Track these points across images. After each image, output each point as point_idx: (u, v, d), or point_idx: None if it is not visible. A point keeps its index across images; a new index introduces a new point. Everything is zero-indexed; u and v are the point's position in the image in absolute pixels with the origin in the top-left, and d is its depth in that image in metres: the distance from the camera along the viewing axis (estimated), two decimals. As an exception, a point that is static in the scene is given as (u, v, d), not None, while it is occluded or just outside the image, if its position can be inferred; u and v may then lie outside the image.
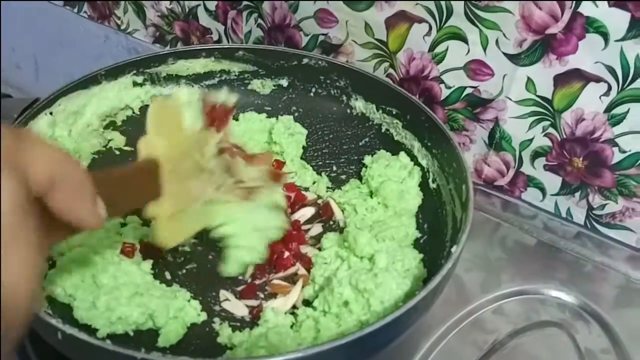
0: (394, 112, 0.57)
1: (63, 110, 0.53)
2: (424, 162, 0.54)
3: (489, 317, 0.50)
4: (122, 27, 0.81)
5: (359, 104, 0.59)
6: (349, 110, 0.60)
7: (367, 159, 0.56)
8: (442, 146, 0.51)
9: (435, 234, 0.49)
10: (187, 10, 0.73)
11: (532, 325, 0.49)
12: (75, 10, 0.84)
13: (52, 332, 0.35)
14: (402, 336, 0.39)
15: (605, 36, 0.48)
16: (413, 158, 0.55)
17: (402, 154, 0.55)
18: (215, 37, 0.73)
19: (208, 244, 0.49)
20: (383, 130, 0.58)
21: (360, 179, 0.56)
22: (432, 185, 0.53)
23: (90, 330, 0.40)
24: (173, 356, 0.34)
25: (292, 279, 0.48)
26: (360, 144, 0.59)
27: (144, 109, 0.59)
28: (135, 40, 0.81)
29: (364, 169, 0.56)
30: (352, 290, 0.42)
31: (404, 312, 0.35)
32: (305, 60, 0.59)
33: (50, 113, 0.51)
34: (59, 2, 0.85)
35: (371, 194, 0.54)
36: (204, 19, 0.72)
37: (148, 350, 0.34)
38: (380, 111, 0.58)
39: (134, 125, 0.58)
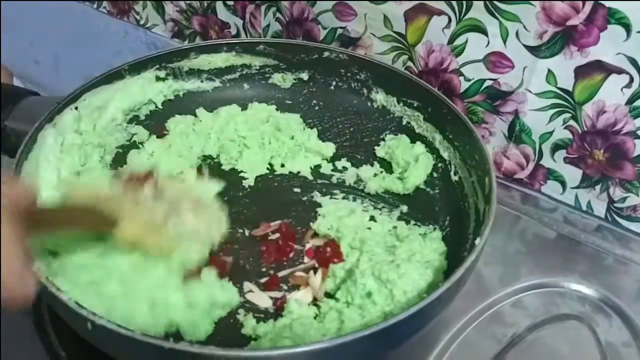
0: (415, 105, 0.57)
1: (88, 105, 0.53)
2: (445, 155, 0.54)
3: (508, 310, 0.50)
4: (142, 22, 0.82)
5: (380, 97, 0.60)
6: (369, 103, 0.60)
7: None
8: (464, 138, 0.51)
9: (458, 226, 0.49)
10: (205, 4, 0.73)
11: (552, 319, 0.49)
12: (95, 6, 0.85)
13: (82, 322, 0.36)
14: (425, 328, 0.39)
15: (627, 27, 0.48)
16: (434, 151, 0.55)
17: (419, 143, 0.56)
18: (233, 31, 0.74)
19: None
20: (404, 123, 0.58)
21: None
22: (454, 178, 0.53)
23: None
24: (200, 346, 0.34)
25: (314, 272, 0.48)
26: (381, 137, 0.59)
27: (166, 103, 0.60)
28: (154, 35, 0.81)
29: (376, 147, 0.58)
30: (375, 280, 0.42)
31: (428, 304, 0.36)
32: (325, 54, 0.60)
33: (76, 108, 0.52)
34: (79, -2, 0.86)
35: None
36: (223, 14, 0.73)
37: (176, 340, 0.35)
38: (401, 104, 0.58)
39: (157, 120, 0.59)
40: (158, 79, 0.59)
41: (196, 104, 0.61)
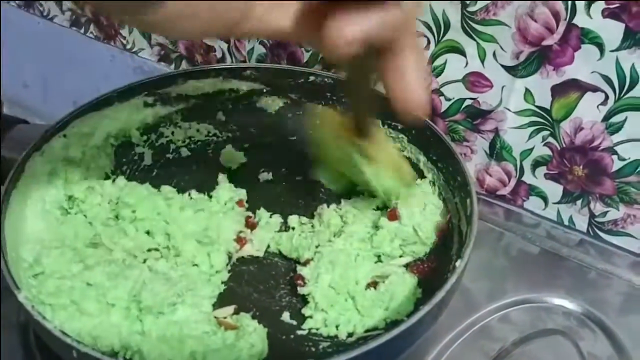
0: (399, 127, 0.57)
1: (76, 132, 0.53)
2: (429, 176, 0.55)
3: (495, 325, 0.50)
4: (128, 46, 0.83)
5: (365, 120, 0.60)
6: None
7: None
8: (446, 160, 0.52)
9: (441, 247, 0.50)
10: (191, 29, 0.74)
11: (537, 333, 0.50)
12: (82, 31, 0.86)
13: (68, 350, 0.36)
14: (409, 350, 0.40)
15: (600, 47, 0.49)
16: (419, 172, 0.56)
17: None
18: (218, 54, 0.74)
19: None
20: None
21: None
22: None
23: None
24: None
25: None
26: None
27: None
28: (140, 59, 0.82)
29: None
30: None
31: (410, 326, 0.36)
32: (311, 78, 0.60)
33: (64, 135, 0.53)
34: (66, 23, 0.87)
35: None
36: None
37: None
38: (386, 126, 0.59)
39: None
40: (146, 104, 0.59)
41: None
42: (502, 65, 0.54)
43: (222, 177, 0.58)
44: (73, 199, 0.51)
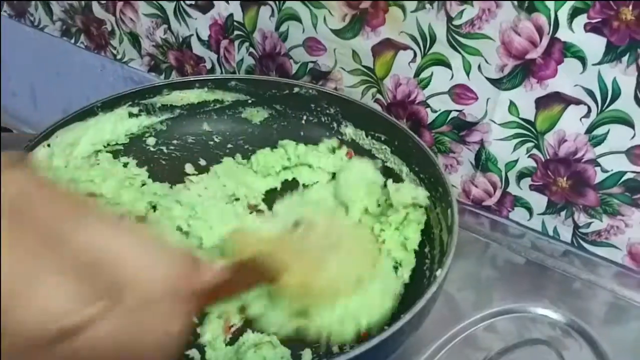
0: (382, 138, 0.58)
1: (60, 142, 0.54)
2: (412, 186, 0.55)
3: (480, 334, 0.51)
4: (118, 56, 0.83)
5: (349, 131, 0.61)
6: (339, 137, 0.61)
7: None
8: (428, 171, 0.53)
9: (422, 257, 0.50)
10: (180, 40, 0.75)
11: (522, 343, 0.50)
12: (72, 41, 0.86)
13: None
14: (391, 358, 0.40)
15: (583, 60, 0.50)
16: (401, 182, 0.56)
17: None
18: (208, 65, 0.75)
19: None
20: (373, 156, 0.60)
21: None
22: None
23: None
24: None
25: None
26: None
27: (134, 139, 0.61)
28: (130, 69, 0.83)
29: None
30: None
31: (389, 335, 0.36)
32: (296, 89, 0.61)
33: (48, 145, 0.53)
34: (57, 33, 0.87)
35: None
36: (198, 49, 0.74)
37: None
38: (370, 137, 0.59)
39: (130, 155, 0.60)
40: (131, 115, 0.59)
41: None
42: (487, 78, 0.55)
43: None
44: None
